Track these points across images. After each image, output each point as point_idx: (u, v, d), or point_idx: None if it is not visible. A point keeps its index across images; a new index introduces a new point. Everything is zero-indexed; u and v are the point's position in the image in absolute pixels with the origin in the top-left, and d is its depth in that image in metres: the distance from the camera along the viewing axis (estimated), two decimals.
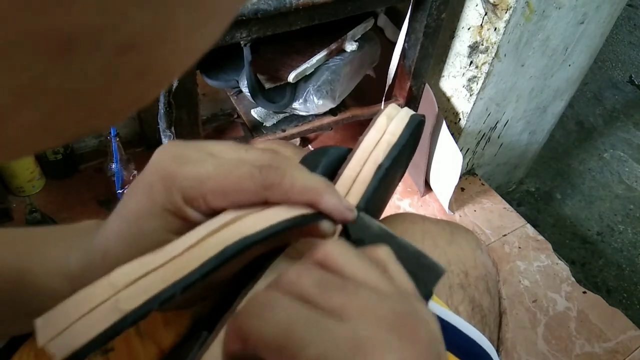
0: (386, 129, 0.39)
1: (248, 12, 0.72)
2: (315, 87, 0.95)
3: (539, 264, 1.18)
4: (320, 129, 1.07)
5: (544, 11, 0.99)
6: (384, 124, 0.39)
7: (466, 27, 1.06)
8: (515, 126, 1.32)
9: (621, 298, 1.36)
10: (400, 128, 0.39)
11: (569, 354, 1.02)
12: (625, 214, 1.58)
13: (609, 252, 1.47)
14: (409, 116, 0.40)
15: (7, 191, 1.15)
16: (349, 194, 0.36)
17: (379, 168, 0.37)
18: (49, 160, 1.15)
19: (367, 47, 1.01)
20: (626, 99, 1.95)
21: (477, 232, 1.23)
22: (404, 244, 0.31)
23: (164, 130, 0.81)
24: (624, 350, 1.03)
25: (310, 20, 0.81)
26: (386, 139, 0.38)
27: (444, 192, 1.23)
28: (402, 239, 0.32)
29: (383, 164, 0.37)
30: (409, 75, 1.06)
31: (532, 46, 1.07)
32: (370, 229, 0.32)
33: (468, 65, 1.10)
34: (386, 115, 0.40)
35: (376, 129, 0.39)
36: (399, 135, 0.38)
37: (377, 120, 0.39)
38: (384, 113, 0.40)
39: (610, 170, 1.71)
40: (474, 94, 1.12)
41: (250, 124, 1.03)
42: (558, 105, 1.35)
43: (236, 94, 1.09)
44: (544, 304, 1.10)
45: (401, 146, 0.38)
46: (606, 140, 1.80)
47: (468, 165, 1.35)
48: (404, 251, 0.31)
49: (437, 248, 0.42)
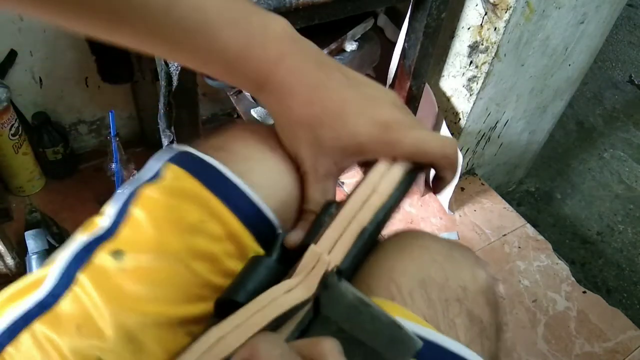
0: (377, 188, 0.38)
1: None
2: None
3: (539, 264, 1.18)
4: None
5: (544, 11, 0.99)
6: (375, 181, 0.38)
7: (466, 26, 1.06)
8: (515, 126, 1.32)
9: (621, 298, 1.36)
10: (391, 188, 0.38)
11: (568, 354, 1.02)
12: (625, 214, 1.58)
13: (609, 252, 1.47)
14: (403, 173, 0.39)
15: (7, 191, 1.15)
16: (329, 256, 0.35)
17: (363, 232, 0.36)
18: (49, 160, 1.15)
19: (367, 47, 1.01)
20: (626, 99, 1.95)
21: (477, 232, 1.23)
22: (378, 315, 0.30)
23: (164, 130, 0.80)
24: (624, 350, 1.03)
25: (310, 20, 0.81)
26: (373, 202, 0.38)
27: (443, 192, 1.23)
28: (377, 309, 0.31)
29: (367, 228, 0.36)
30: (409, 75, 1.06)
31: (532, 46, 1.07)
32: (343, 299, 0.31)
33: (468, 65, 1.10)
34: (378, 171, 0.39)
35: (366, 186, 0.38)
36: (387, 197, 0.38)
37: (368, 176, 0.39)
38: (376, 168, 0.39)
39: (610, 170, 1.71)
40: (473, 94, 1.12)
41: None
42: (558, 105, 1.35)
43: (236, 93, 1.09)
44: (543, 303, 1.10)
45: (388, 208, 0.38)
46: (606, 140, 1.80)
47: (468, 165, 1.35)
48: (377, 322, 0.30)
49: (434, 263, 0.42)
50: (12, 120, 1.02)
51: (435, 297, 0.39)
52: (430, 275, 0.40)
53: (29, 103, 1.10)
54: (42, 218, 1.01)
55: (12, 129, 1.02)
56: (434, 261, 0.42)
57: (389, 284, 0.39)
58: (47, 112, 1.11)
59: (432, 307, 0.39)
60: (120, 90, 1.18)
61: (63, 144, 1.14)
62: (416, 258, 0.42)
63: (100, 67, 1.00)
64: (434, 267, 0.41)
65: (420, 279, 0.40)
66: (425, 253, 0.42)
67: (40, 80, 1.07)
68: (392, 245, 0.43)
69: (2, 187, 1.14)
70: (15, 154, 1.06)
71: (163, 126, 0.80)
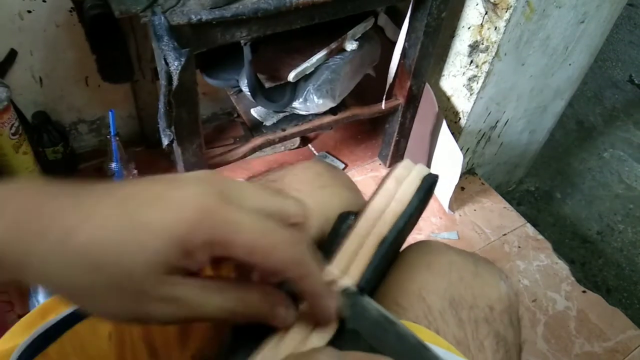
0: (395, 195, 0.36)
1: (248, 12, 0.72)
2: (316, 86, 0.95)
3: (539, 264, 1.18)
4: (320, 128, 1.07)
5: (544, 10, 0.99)
6: (392, 188, 0.36)
7: (466, 26, 1.06)
8: (516, 125, 1.32)
9: (621, 297, 1.36)
10: (410, 194, 0.35)
11: (568, 354, 1.02)
12: (625, 214, 1.58)
13: (609, 252, 1.47)
14: (421, 179, 0.36)
15: None
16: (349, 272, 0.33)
17: (382, 242, 0.34)
18: (48, 159, 1.14)
19: (367, 46, 1.01)
20: (626, 98, 1.95)
21: (477, 231, 1.23)
22: (404, 335, 0.29)
23: (164, 130, 0.80)
24: (624, 349, 1.03)
25: (311, 20, 0.81)
26: (392, 209, 0.35)
27: (444, 191, 1.23)
28: (402, 328, 0.30)
29: (387, 237, 0.34)
30: (409, 75, 1.06)
31: (533, 45, 1.07)
32: (368, 314, 0.30)
33: (468, 65, 1.10)
34: (395, 178, 0.36)
35: (383, 195, 0.36)
36: (407, 204, 0.35)
37: (385, 184, 0.36)
38: (393, 175, 0.36)
39: (610, 169, 1.71)
40: (474, 93, 1.12)
41: (250, 123, 1.03)
42: (558, 104, 1.35)
43: (236, 93, 1.09)
44: (543, 303, 1.10)
45: (408, 216, 0.35)
46: (606, 139, 1.80)
47: (468, 165, 1.35)
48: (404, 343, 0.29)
49: (462, 281, 0.42)
50: (12, 120, 1.02)
51: (465, 317, 0.39)
52: (459, 294, 0.41)
53: (29, 102, 1.10)
54: None
55: (12, 128, 1.02)
56: (461, 279, 0.42)
57: (419, 303, 0.40)
58: (47, 111, 1.11)
59: (462, 328, 0.39)
60: (120, 90, 1.17)
61: (63, 143, 1.14)
62: (444, 275, 0.42)
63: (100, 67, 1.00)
64: (463, 285, 0.42)
65: (450, 297, 0.40)
66: (453, 270, 0.43)
67: (40, 79, 1.07)
68: (418, 260, 0.43)
69: None
70: (15, 154, 1.06)
71: (163, 125, 0.80)
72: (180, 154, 0.88)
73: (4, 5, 0.93)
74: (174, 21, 0.68)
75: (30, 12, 0.96)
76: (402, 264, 0.43)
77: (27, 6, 0.95)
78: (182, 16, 0.69)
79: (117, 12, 0.68)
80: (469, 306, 0.40)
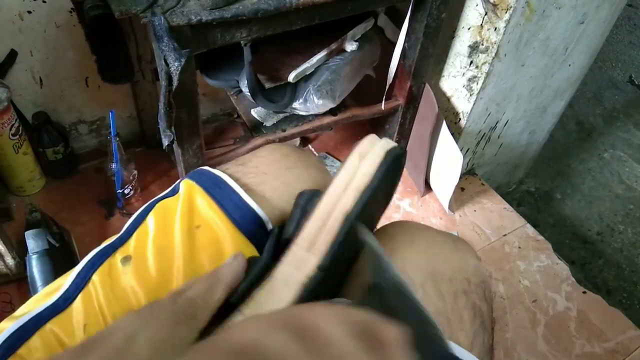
0: (357, 170, 0.35)
1: (248, 12, 0.72)
2: (315, 87, 0.95)
3: (539, 264, 1.18)
4: (320, 129, 1.07)
5: (544, 11, 0.99)
6: (355, 163, 0.36)
7: (466, 27, 1.06)
8: (515, 126, 1.32)
9: (621, 298, 1.36)
10: (374, 168, 0.35)
11: (568, 354, 1.02)
12: (625, 214, 1.58)
13: (609, 252, 1.47)
14: (385, 152, 0.36)
15: (7, 191, 1.15)
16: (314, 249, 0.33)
17: (347, 217, 0.34)
18: (49, 159, 1.15)
19: (367, 47, 1.01)
20: (626, 99, 1.95)
21: (477, 232, 1.23)
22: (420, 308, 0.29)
23: (164, 130, 0.80)
24: (624, 350, 1.03)
25: (311, 20, 0.81)
26: (355, 184, 0.35)
27: (444, 192, 1.23)
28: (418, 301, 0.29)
29: (351, 212, 0.34)
30: (409, 75, 1.06)
31: (532, 46, 1.07)
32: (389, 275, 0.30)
33: (468, 65, 1.10)
34: (358, 153, 0.36)
35: (346, 171, 0.36)
36: (370, 177, 0.35)
37: (349, 160, 0.36)
38: (356, 150, 0.36)
39: (610, 170, 1.71)
40: (474, 94, 1.12)
41: (250, 123, 1.03)
42: (558, 105, 1.35)
43: (236, 93, 1.09)
44: (543, 304, 1.10)
45: (372, 189, 0.35)
46: (606, 140, 1.80)
47: (468, 165, 1.35)
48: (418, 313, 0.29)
49: (441, 255, 0.44)
50: (12, 120, 1.02)
51: (445, 290, 0.41)
52: (439, 268, 0.43)
53: (29, 103, 1.10)
54: (42, 218, 1.01)
55: (12, 128, 1.02)
56: (441, 253, 0.44)
57: None
58: (47, 111, 1.11)
59: (442, 300, 0.41)
60: (121, 90, 1.17)
61: (63, 143, 1.14)
62: (426, 250, 0.44)
63: (101, 67, 1.00)
64: (442, 259, 0.44)
65: (430, 271, 0.42)
66: (434, 246, 0.45)
67: (41, 80, 1.07)
68: (401, 236, 0.45)
69: (2, 187, 1.14)
70: (16, 154, 1.07)
71: (163, 126, 0.80)
72: (180, 154, 0.88)
73: (4, 6, 0.93)
74: (174, 22, 0.68)
75: (31, 12, 0.96)
76: (385, 240, 0.45)
77: (27, 7, 0.95)
78: (182, 17, 0.69)
79: (117, 12, 0.68)
80: (448, 279, 0.42)
